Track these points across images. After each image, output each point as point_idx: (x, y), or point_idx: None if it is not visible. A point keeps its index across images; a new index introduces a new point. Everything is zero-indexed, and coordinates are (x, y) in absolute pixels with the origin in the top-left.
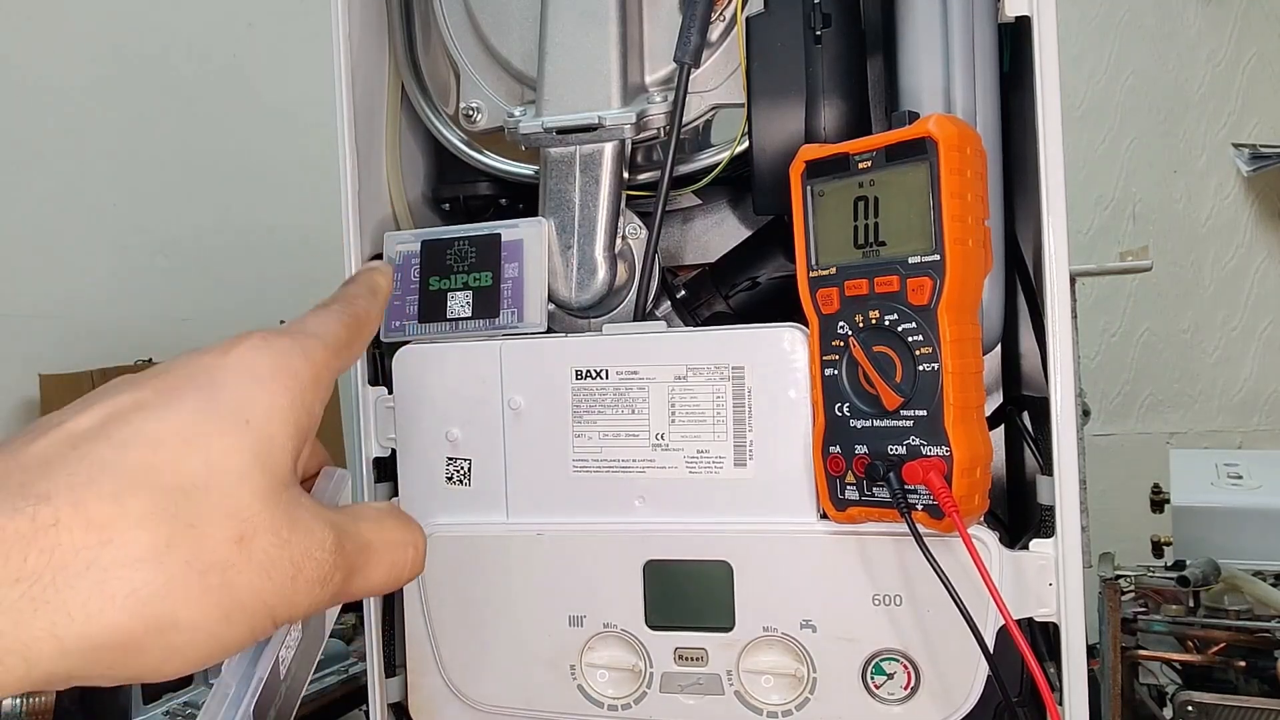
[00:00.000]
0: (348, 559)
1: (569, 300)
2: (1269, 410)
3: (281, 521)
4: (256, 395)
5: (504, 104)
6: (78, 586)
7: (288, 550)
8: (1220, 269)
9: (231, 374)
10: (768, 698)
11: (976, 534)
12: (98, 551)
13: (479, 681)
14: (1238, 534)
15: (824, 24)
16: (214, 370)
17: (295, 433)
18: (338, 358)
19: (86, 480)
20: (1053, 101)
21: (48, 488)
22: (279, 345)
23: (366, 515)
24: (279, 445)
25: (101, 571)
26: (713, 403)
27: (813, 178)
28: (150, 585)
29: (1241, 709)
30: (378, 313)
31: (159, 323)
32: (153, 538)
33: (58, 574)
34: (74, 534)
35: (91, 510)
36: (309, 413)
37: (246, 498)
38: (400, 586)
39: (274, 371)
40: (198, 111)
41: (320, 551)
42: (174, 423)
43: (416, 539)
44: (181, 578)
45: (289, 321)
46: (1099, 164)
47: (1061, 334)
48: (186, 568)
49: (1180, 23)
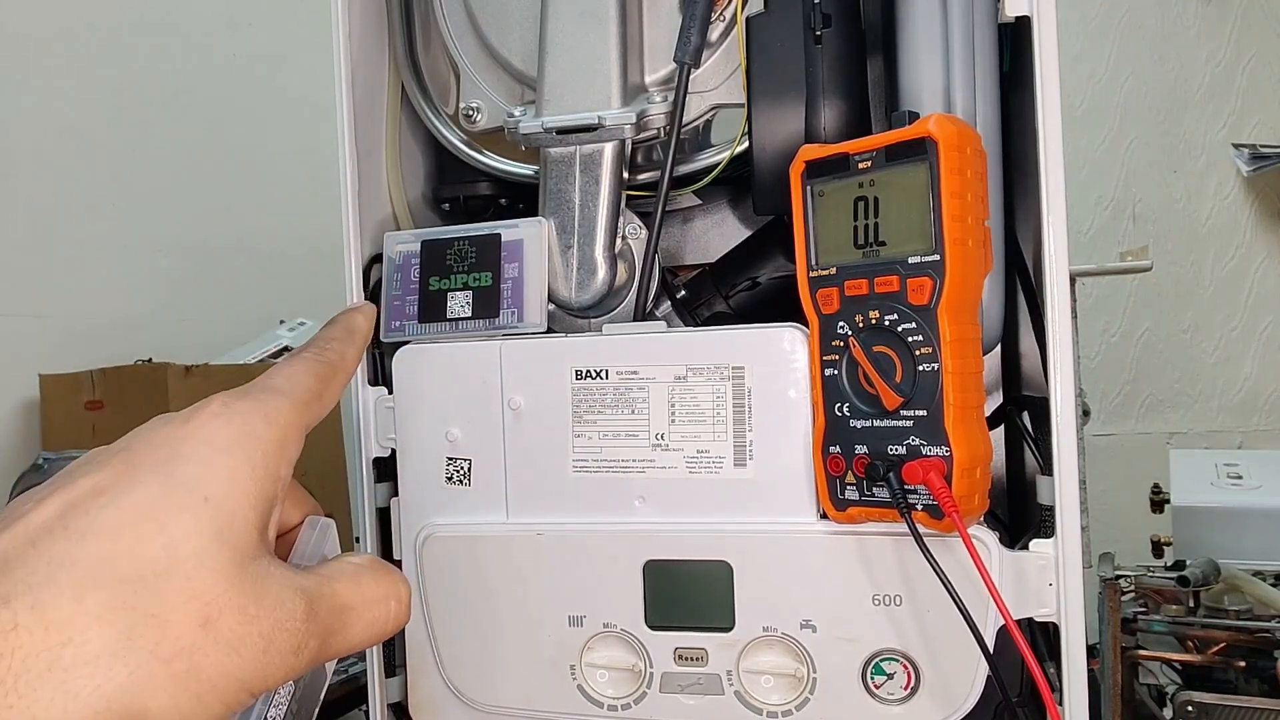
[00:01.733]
0: (322, 624)
1: (569, 300)
2: (1269, 410)
3: (248, 598)
4: (216, 469)
5: (504, 104)
6: (40, 688)
7: (256, 625)
8: (1220, 269)
9: (190, 447)
10: (768, 698)
11: (976, 534)
12: (58, 652)
13: (479, 681)
14: (1238, 534)
15: (824, 24)
16: (173, 444)
17: (259, 502)
18: (307, 412)
19: (45, 579)
20: (1053, 101)
21: (6, 590)
22: (240, 409)
23: (343, 574)
24: (241, 518)
25: (63, 671)
26: (713, 403)
27: (813, 178)
28: (114, 680)
29: (1241, 709)
30: (354, 355)
31: (159, 323)
32: (112, 631)
33: (19, 677)
34: (34, 635)
35: (49, 611)
36: (274, 478)
37: (209, 578)
38: (384, 640)
39: (234, 441)
40: (198, 111)
41: (291, 622)
42: (131, 508)
43: (399, 591)
44: (146, 668)
45: (258, 378)
46: (1099, 164)
47: (1061, 334)
48: (151, 657)
49: (1180, 23)
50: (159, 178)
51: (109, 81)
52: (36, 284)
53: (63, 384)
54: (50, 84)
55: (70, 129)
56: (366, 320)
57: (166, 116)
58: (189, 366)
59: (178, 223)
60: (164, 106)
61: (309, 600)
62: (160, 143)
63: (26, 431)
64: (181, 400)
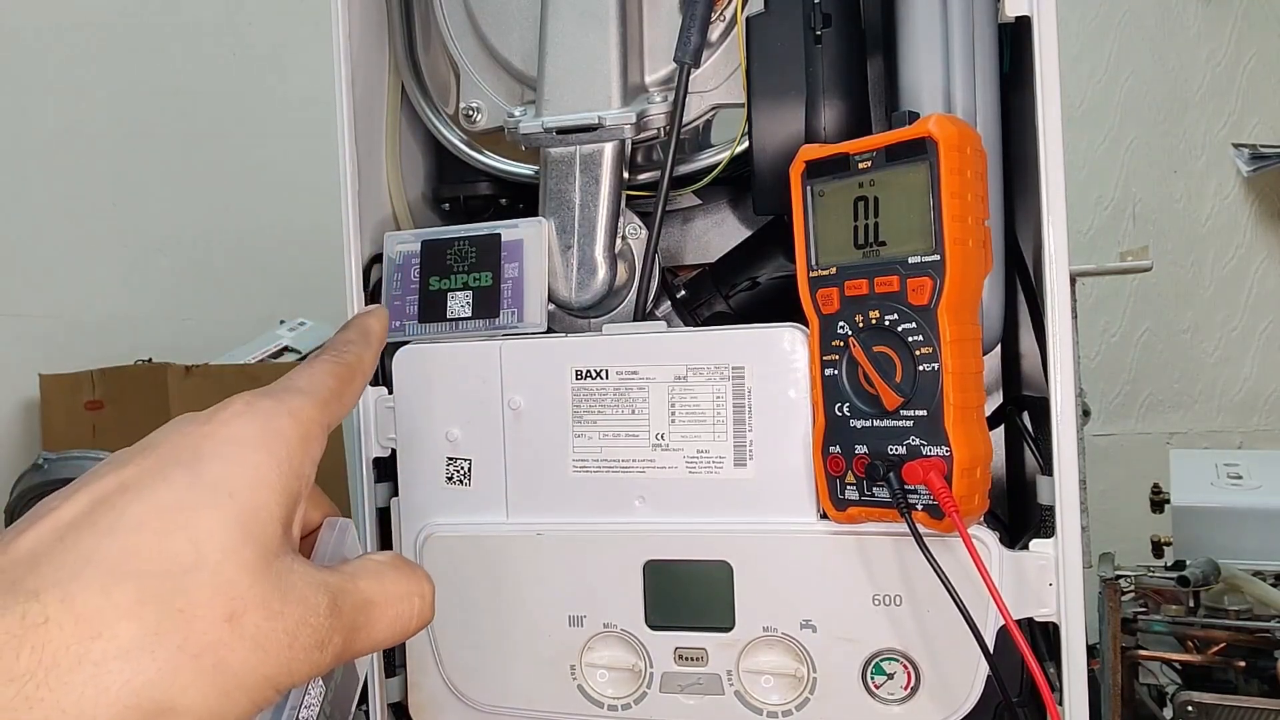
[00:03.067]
0: (346, 620)
1: (569, 300)
2: (1269, 410)
3: (272, 594)
4: (241, 465)
5: (504, 104)
6: (70, 682)
7: (281, 621)
8: (1220, 269)
9: (215, 444)
10: (768, 698)
11: (976, 534)
12: (88, 645)
13: (479, 681)
14: (1238, 534)
15: (824, 24)
16: (198, 442)
17: (284, 499)
18: (327, 411)
19: (73, 574)
20: (1053, 101)
21: (36, 584)
22: (263, 408)
23: (367, 570)
24: (267, 515)
25: (93, 666)
26: (713, 403)
27: (813, 178)
28: (143, 675)
29: (1241, 709)
30: (371, 357)
31: (159, 323)
32: (140, 627)
33: (50, 671)
34: (64, 630)
35: (79, 605)
36: (298, 475)
37: (234, 574)
38: (409, 638)
39: (259, 437)
40: (198, 111)
41: (315, 617)
42: (157, 503)
43: (423, 589)
44: (174, 663)
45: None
46: (1099, 164)
47: (1061, 334)
48: (179, 653)
49: (1180, 23)
50: (159, 177)
51: (109, 81)
52: (36, 284)
53: (63, 384)
54: (50, 84)
55: (70, 129)
56: (380, 323)
57: (166, 116)
58: (189, 366)
59: (178, 222)
60: (164, 106)
61: (333, 596)
62: (160, 142)
63: (26, 431)
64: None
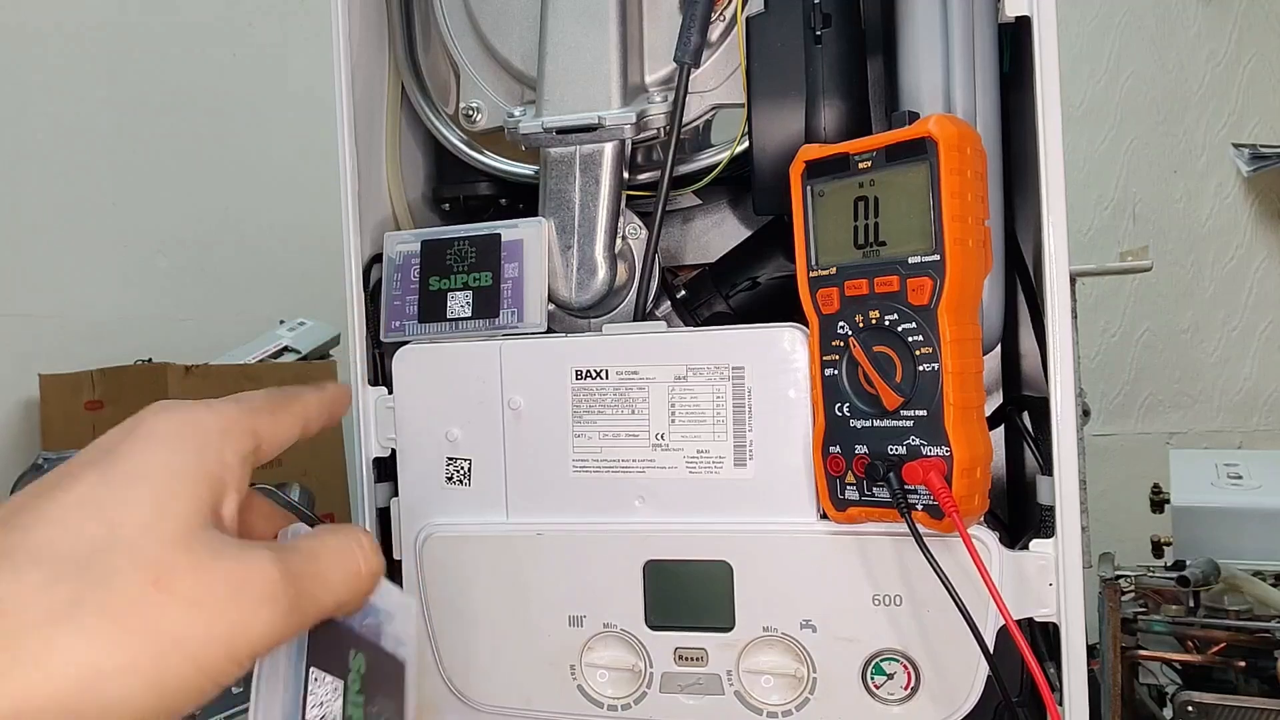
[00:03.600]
0: (293, 569)
1: (569, 300)
2: (1269, 410)
3: (203, 556)
4: (154, 454)
5: (504, 104)
6: None
7: (218, 576)
8: (1220, 269)
9: (130, 441)
10: (768, 698)
11: (976, 534)
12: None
13: (479, 682)
14: (1238, 534)
15: (824, 24)
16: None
17: (203, 478)
18: (253, 416)
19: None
20: (1053, 101)
21: None
22: (180, 405)
23: (300, 535)
24: (185, 494)
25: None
26: (713, 403)
27: (813, 178)
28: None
29: (1241, 709)
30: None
31: (159, 323)
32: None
33: None
34: None
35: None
36: (219, 462)
37: (154, 546)
38: (368, 588)
39: (173, 429)
40: (198, 111)
41: (258, 569)
42: (71, 498)
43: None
44: (95, 627)
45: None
46: (1099, 164)
47: (1061, 334)
48: (99, 616)
49: (1180, 23)
50: (159, 177)
51: (109, 81)
52: (36, 284)
53: (63, 384)
54: (50, 84)
55: (70, 129)
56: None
57: (166, 116)
58: (189, 366)
59: (178, 222)
60: (164, 106)
61: (273, 551)
62: (160, 142)
63: (26, 431)
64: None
